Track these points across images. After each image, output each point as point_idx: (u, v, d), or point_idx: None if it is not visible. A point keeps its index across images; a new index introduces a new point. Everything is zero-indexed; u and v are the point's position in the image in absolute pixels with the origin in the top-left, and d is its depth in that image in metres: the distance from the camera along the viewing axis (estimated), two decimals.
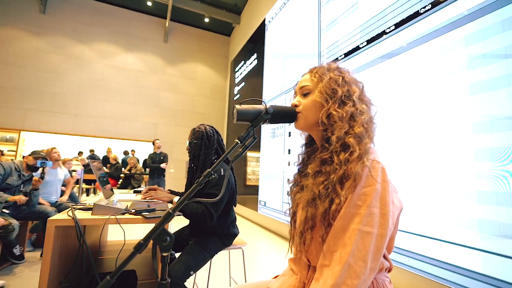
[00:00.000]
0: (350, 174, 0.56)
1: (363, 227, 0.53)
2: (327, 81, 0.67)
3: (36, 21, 6.90)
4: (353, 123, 0.62)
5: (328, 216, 0.58)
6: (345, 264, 0.52)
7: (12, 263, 2.31)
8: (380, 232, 0.54)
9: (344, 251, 0.53)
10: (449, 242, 1.70)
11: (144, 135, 7.77)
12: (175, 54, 8.42)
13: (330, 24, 3.13)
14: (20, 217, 2.41)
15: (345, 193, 0.56)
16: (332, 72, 0.68)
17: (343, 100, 0.65)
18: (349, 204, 0.56)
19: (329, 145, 0.62)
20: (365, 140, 0.60)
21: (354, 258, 0.52)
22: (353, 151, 0.58)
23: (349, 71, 0.71)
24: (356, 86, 0.68)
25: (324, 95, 0.66)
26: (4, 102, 6.50)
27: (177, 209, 0.62)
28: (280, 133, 4.20)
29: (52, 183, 2.95)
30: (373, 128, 0.66)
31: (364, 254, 0.53)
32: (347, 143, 0.60)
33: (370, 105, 0.68)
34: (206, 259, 1.42)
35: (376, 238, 0.53)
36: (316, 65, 0.74)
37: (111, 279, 0.55)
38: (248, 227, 4.51)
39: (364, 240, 0.53)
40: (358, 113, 0.64)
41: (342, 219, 0.56)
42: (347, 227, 0.55)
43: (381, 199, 0.55)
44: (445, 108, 1.80)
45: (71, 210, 0.99)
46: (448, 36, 1.82)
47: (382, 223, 0.54)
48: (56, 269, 0.95)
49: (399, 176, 2.05)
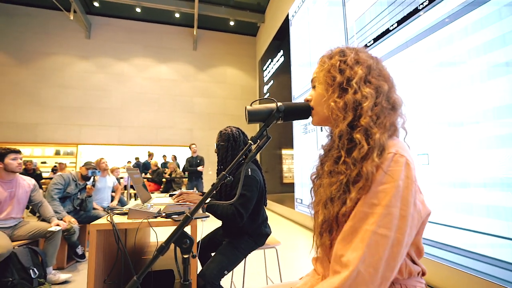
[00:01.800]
0: (362, 174, 0.50)
1: (378, 228, 0.46)
2: (326, 69, 0.60)
3: (83, 46, 7.74)
4: (360, 112, 0.54)
5: (341, 220, 0.53)
6: (354, 271, 0.46)
7: (76, 261, 2.63)
8: (398, 236, 0.46)
9: (354, 255, 0.47)
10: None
11: (181, 141, 8.20)
12: (205, 60, 8.73)
13: (355, 9, 2.94)
14: (79, 221, 2.72)
15: (355, 196, 0.50)
16: (333, 58, 0.61)
17: (343, 87, 0.57)
18: (363, 202, 0.49)
19: (337, 142, 0.56)
20: (373, 131, 0.52)
21: (365, 265, 0.46)
22: (361, 148, 0.51)
23: (357, 50, 0.61)
24: (362, 66, 0.57)
25: (325, 85, 0.60)
26: (63, 120, 7.42)
27: (195, 212, 0.64)
28: (312, 129, 4.09)
29: (103, 190, 3.27)
30: (390, 113, 0.55)
31: (376, 261, 0.45)
32: (354, 138, 0.53)
33: (382, 86, 0.56)
34: (240, 259, 1.44)
35: (392, 243, 0.46)
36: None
37: (138, 279, 0.59)
38: (285, 226, 4.48)
39: (378, 244, 0.46)
40: (361, 99, 0.54)
41: (353, 219, 0.50)
42: (359, 228, 0.48)
43: (403, 199, 0.47)
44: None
45: (110, 215, 1.09)
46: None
47: (400, 226, 0.46)
48: (101, 268, 1.06)
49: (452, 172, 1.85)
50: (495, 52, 1.56)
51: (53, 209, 2.34)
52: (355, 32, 2.98)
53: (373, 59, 0.60)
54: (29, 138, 7.14)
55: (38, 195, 2.26)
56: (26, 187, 2.18)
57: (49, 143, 7.35)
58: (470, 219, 1.67)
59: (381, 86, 0.56)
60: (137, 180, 1.71)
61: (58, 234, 2.17)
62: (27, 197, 2.18)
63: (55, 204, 2.45)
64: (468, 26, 1.72)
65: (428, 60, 2.01)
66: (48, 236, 2.12)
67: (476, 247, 1.64)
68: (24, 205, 2.18)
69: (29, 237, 2.08)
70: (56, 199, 2.50)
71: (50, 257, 2.10)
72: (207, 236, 1.69)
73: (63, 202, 2.60)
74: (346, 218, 0.51)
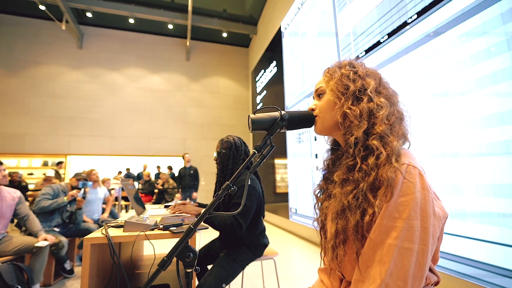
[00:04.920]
0: (382, 180, 0.50)
1: (401, 242, 0.47)
2: (338, 77, 0.62)
3: (74, 56, 7.66)
4: (374, 121, 0.55)
5: (362, 229, 0.52)
6: (382, 284, 0.46)
7: (64, 277, 2.50)
8: (422, 248, 0.47)
9: (381, 268, 0.47)
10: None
11: (174, 151, 8.11)
12: (198, 70, 8.77)
13: (346, 21, 3.04)
14: (68, 234, 2.61)
15: (379, 203, 0.49)
16: (343, 68, 0.63)
17: (358, 95, 0.58)
18: (384, 215, 0.49)
19: (352, 149, 0.56)
20: (389, 139, 0.53)
21: (393, 278, 0.46)
22: (379, 154, 0.52)
23: (364, 64, 0.65)
24: (371, 78, 0.60)
25: (336, 93, 0.61)
26: (52, 130, 7.24)
27: (198, 224, 0.62)
28: (305, 138, 4.12)
29: (94, 201, 3.17)
30: (400, 123, 0.58)
31: (403, 273, 0.46)
32: (370, 145, 0.53)
33: (393, 97, 0.60)
34: (238, 271, 1.40)
35: (417, 255, 0.47)
36: (330, 66, 0.68)
37: None
38: (280, 236, 4.42)
39: (403, 257, 0.47)
40: (377, 108, 0.56)
41: (377, 232, 0.50)
42: (383, 241, 0.49)
43: (422, 210, 0.48)
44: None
45: (105, 228, 1.05)
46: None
47: (423, 237, 0.47)
48: (95, 283, 1.00)
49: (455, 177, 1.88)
50: (482, 64, 1.63)
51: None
52: (346, 44, 3.06)
53: (380, 74, 0.64)
54: (16, 149, 6.93)
55: (23, 208, 2.15)
56: (10, 200, 2.06)
57: (37, 154, 7.14)
58: (464, 225, 1.69)
59: (391, 97, 0.59)
60: (131, 191, 1.67)
61: (46, 249, 2.07)
62: (12, 210, 2.08)
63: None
64: (454, 40, 1.80)
65: (419, 70, 2.08)
66: (35, 251, 2.02)
67: (469, 253, 1.65)
68: (9, 219, 2.07)
69: (14, 253, 1.97)
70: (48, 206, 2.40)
71: (37, 274, 1.99)
72: (203, 248, 1.64)
73: (51, 215, 2.50)
74: (372, 226, 0.51)
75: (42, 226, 2.26)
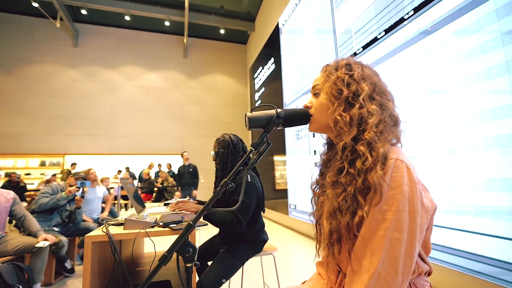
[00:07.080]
0: (369, 185, 0.52)
1: (391, 233, 0.50)
2: (333, 80, 0.62)
3: (70, 55, 7.60)
4: (365, 127, 0.57)
5: (353, 229, 0.54)
6: (375, 273, 0.49)
7: (64, 276, 2.52)
8: (410, 238, 0.50)
9: (373, 258, 0.50)
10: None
11: (172, 149, 8.10)
12: (195, 67, 8.74)
13: (344, 18, 3.04)
14: (68, 234, 2.62)
15: (368, 208, 0.52)
16: (340, 70, 0.63)
17: (350, 101, 0.59)
18: (374, 210, 0.52)
19: (340, 153, 0.58)
20: (377, 145, 0.54)
21: (385, 267, 0.49)
22: (365, 160, 0.53)
23: (362, 66, 0.64)
24: (367, 83, 0.60)
25: (330, 96, 0.62)
26: (49, 130, 7.21)
27: (197, 220, 0.63)
28: (304, 135, 4.14)
29: (93, 201, 3.17)
30: (392, 128, 0.59)
31: (394, 262, 0.49)
32: (358, 151, 0.55)
33: (386, 103, 0.60)
34: (237, 267, 1.42)
35: (406, 244, 0.50)
36: (329, 62, 0.68)
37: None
38: (280, 232, 4.46)
39: (394, 247, 0.50)
40: (367, 115, 0.57)
41: (368, 225, 0.52)
42: (374, 233, 0.51)
43: (410, 202, 0.50)
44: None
45: (105, 226, 1.06)
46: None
47: (411, 228, 0.50)
48: (96, 281, 1.02)
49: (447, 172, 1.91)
50: (477, 60, 1.64)
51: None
52: (344, 40, 3.06)
53: (377, 76, 0.64)
54: (12, 149, 6.90)
55: (19, 208, 2.14)
56: (4, 202, 2.04)
57: (34, 154, 7.11)
58: (459, 219, 1.72)
59: (385, 103, 0.60)
60: (131, 190, 1.67)
61: (46, 248, 2.07)
62: (7, 211, 2.06)
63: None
64: (450, 36, 1.81)
65: (416, 66, 2.09)
66: (35, 251, 2.02)
67: (467, 246, 1.68)
68: (4, 220, 2.05)
69: (14, 253, 1.98)
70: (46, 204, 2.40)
71: (37, 273, 2.00)
72: (203, 245, 1.66)
73: (50, 214, 2.51)
74: (360, 227, 0.53)
75: (41, 225, 2.26)
